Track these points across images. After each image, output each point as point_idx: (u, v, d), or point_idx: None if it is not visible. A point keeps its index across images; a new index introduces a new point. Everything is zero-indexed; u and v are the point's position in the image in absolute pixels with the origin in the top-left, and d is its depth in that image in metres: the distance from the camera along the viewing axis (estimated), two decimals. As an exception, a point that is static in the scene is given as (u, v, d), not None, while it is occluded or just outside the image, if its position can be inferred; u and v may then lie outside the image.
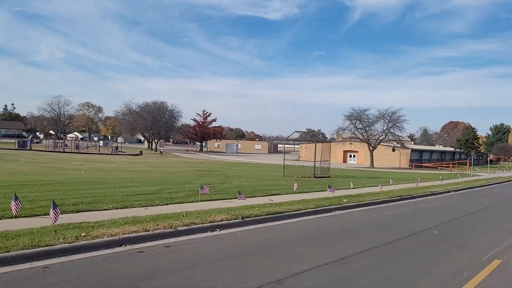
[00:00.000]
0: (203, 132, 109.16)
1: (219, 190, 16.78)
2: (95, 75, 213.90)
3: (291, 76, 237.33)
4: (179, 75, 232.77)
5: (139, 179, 21.10)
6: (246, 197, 16.07)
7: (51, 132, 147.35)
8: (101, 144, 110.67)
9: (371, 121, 65.72)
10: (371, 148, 64.47)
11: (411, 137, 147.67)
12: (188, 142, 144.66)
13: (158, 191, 15.18)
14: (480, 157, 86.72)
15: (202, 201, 13.28)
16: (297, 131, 32.10)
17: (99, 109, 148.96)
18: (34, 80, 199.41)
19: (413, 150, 74.29)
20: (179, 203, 12.68)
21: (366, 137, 65.45)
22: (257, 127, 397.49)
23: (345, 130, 65.70)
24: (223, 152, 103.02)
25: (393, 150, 69.07)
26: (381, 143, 65.95)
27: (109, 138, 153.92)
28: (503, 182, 39.40)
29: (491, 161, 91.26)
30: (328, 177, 32.88)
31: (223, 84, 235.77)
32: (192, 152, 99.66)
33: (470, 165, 61.85)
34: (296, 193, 17.86)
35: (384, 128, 65.14)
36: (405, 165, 69.01)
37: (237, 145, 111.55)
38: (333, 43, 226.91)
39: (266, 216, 10.93)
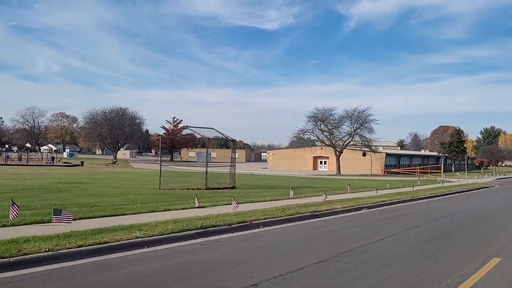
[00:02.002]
0: (173, 141, 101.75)
1: None
2: (92, 87, 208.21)
3: (287, 85, 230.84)
4: (176, 85, 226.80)
5: None
6: None
7: (27, 145, 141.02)
8: (65, 155, 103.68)
9: (337, 122, 58.30)
10: (337, 153, 56.93)
11: (401, 143, 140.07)
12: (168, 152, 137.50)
13: None
14: (467, 162, 78.77)
15: None
16: (189, 127, 24.81)
17: (74, 119, 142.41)
18: (30, 93, 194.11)
19: (388, 155, 66.41)
20: None
21: (331, 140, 57.94)
22: (253, 135, 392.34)
23: (307, 133, 58.12)
24: (194, 162, 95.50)
25: (364, 154, 61.27)
26: (347, 147, 58.32)
27: (87, 149, 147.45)
28: (471, 190, 31.52)
29: (475, 165, 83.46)
30: (233, 187, 25.47)
31: (219, 94, 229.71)
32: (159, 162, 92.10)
33: (445, 170, 54.01)
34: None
35: (351, 130, 57.67)
36: (378, 171, 61.27)
37: (209, 154, 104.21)
38: (329, 52, 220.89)
39: None
